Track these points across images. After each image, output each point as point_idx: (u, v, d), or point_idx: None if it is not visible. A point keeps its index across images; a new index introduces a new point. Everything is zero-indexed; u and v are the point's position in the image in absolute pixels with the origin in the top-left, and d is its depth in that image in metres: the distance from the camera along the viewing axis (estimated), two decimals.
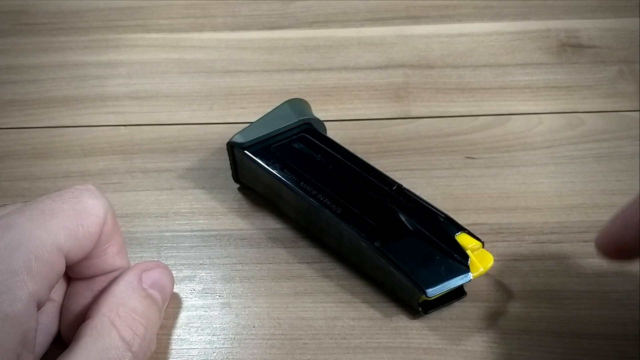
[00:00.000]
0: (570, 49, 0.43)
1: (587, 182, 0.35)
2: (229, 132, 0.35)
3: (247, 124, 0.35)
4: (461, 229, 0.30)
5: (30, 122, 0.39)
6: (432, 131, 0.38)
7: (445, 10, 0.46)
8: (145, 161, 0.37)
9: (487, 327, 0.30)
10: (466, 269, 0.29)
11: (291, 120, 0.35)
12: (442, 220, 0.31)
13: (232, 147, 0.34)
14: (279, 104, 0.35)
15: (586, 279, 0.31)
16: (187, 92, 0.41)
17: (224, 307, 0.31)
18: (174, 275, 0.31)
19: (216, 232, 0.34)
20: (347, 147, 0.34)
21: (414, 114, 0.39)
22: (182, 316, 0.31)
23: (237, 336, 0.30)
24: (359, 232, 0.30)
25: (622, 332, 0.29)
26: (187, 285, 0.32)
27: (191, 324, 0.30)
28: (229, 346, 0.30)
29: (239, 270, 0.32)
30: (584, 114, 0.39)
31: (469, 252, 0.29)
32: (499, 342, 0.29)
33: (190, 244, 0.33)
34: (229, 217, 0.34)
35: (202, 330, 0.30)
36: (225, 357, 0.29)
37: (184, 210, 0.35)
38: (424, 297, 0.28)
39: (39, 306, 0.23)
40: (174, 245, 0.33)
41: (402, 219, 0.31)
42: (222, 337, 0.30)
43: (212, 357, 0.29)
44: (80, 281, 0.27)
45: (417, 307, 0.30)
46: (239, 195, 0.36)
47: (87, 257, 0.26)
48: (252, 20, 0.46)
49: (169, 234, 0.34)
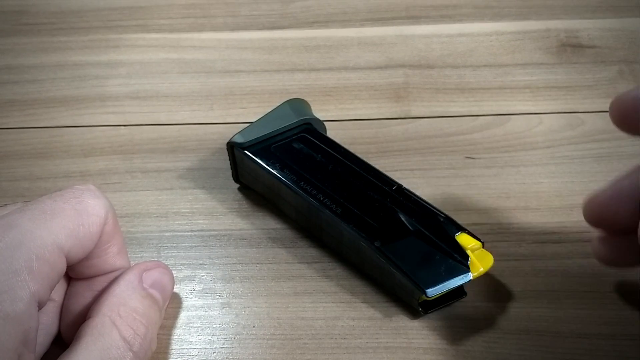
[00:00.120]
0: (570, 49, 0.43)
1: (587, 182, 0.35)
2: (229, 132, 0.35)
3: (247, 124, 0.35)
4: (461, 229, 0.30)
5: (30, 122, 0.39)
6: (432, 131, 0.38)
7: (445, 10, 0.46)
8: (145, 161, 0.37)
9: (487, 327, 0.30)
10: (466, 269, 0.29)
11: (291, 120, 0.35)
12: (442, 220, 0.31)
13: (232, 147, 0.34)
14: (279, 104, 0.35)
15: (586, 279, 0.31)
16: (187, 92, 0.41)
17: (224, 307, 0.31)
18: (174, 275, 0.31)
19: (216, 232, 0.34)
20: (347, 147, 0.34)
21: (414, 114, 0.39)
22: (182, 316, 0.31)
23: (237, 336, 0.30)
24: (359, 232, 0.30)
25: (622, 332, 0.29)
26: (187, 285, 0.32)
27: (191, 324, 0.30)
28: (229, 346, 0.30)
29: (239, 270, 0.32)
30: (584, 114, 0.39)
31: (469, 252, 0.29)
32: (499, 342, 0.29)
33: (190, 244, 0.33)
34: (229, 217, 0.34)
35: (202, 330, 0.30)
36: (225, 357, 0.29)
37: (184, 210, 0.35)
38: (424, 297, 0.28)
39: (40, 306, 0.23)
40: (174, 245, 0.33)
41: (402, 219, 0.31)
42: (222, 337, 0.30)
43: (212, 357, 0.29)
44: (80, 281, 0.27)
45: (417, 307, 0.30)
46: (239, 195, 0.36)
47: (87, 257, 0.26)
48: (252, 20, 0.46)
49: (169, 234, 0.34)
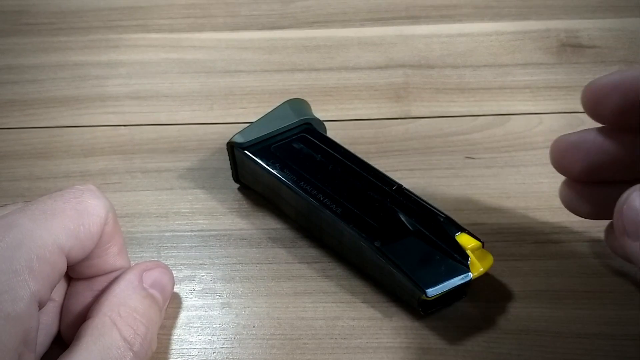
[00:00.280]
0: (570, 49, 0.43)
1: None
2: (229, 132, 0.35)
3: (247, 124, 0.35)
4: (461, 229, 0.30)
5: (30, 122, 0.39)
6: (432, 131, 0.38)
7: (445, 10, 0.46)
8: (145, 161, 0.37)
9: (487, 327, 0.30)
10: (466, 269, 0.29)
11: (291, 120, 0.35)
12: (442, 220, 0.31)
13: (232, 147, 0.34)
14: (279, 104, 0.35)
15: (586, 279, 0.31)
16: (187, 92, 0.41)
17: (224, 307, 0.31)
18: (174, 275, 0.31)
19: (216, 232, 0.34)
20: (347, 147, 0.34)
21: (414, 114, 0.39)
22: (182, 316, 0.31)
23: (237, 336, 0.30)
24: (359, 232, 0.30)
25: (622, 332, 0.29)
26: (187, 285, 0.32)
27: (191, 324, 0.30)
28: (229, 346, 0.30)
29: (239, 270, 0.32)
30: (584, 114, 0.38)
31: (469, 252, 0.29)
32: (499, 342, 0.29)
33: (190, 244, 0.33)
34: (229, 217, 0.34)
35: (202, 330, 0.30)
36: (225, 357, 0.29)
37: (184, 210, 0.35)
38: (424, 297, 0.28)
39: (40, 306, 0.23)
40: (174, 245, 0.33)
41: (402, 219, 0.31)
42: (222, 337, 0.30)
43: (212, 357, 0.29)
44: (80, 281, 0.27)
45: (417, 307, 0.30)
46: (239, 195, 0.36)
47: (88, 257, 0.26)
48: (252, 20, 0.46)
49: (169, 234, 0.34)
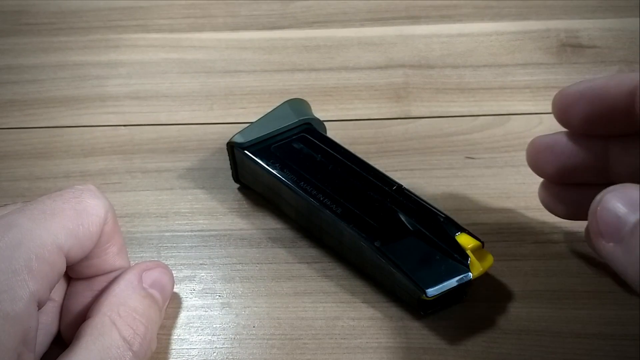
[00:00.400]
0: (570, 49, 0.43)
1: None
2: (229, 132, 0.35)
3: (247, 124, 0.35)
4: (461, 229, 0.30)
5: (30, 122, 0.39)
6: (432, 131, 0.38)
7: (445, 10, 0.46)
8: (145, 161, 0.37)
9: (487, 327, 0.30)
10: (466, 269, 0.29)
11: (291, 120, 0.35)
12: (442, 220, 0.31)
13: (232, 147, 0.34)
14: (279, 104, 0.35)
15: (586, 279, 0.31)
16: (187, 92, 0.41)
17: (224, 307, 0.31)
18: (174, 275, 0.31)
19: (216, 232, 0.34)
20: (347, 147, 0.34)
21: (414, 114, 0.39)
22: (182, 316, 0.31)
23: (237, 336, 0.30)
24: (359, 232, 0.30)
25: (622, 332, 0.29)
26: (187, 285, 0.32)
27: (191, 324, 0.30)
28: (229, 346, 0.29)
29: (239, 270, 0.32)
30: None
31: (469, 252, 0.29)
32: (499, 342, 0.29)
33: (190, 244, 0.33)
34: (229, 217, 0.34)
35: (202, 330, 0.30)
36: (225, 357, 0.29)
37: (184, 210, 0.35)
38: (424, 297, 0.28)
39: (40, 305, 0.23)
40: (174, 245, 0.33)
41: (402, 219, 0.31)
42: (222, 337, 0.30)
43: (212, 357, 0.29)
44: (80, 281, 0.27)
45: (417, 307, 0.30)
46: (239, 195, 0.36)
47: (87, 257, 0.26)
48: (252, 20, 0.46)
49: (169, 234, 0.34)
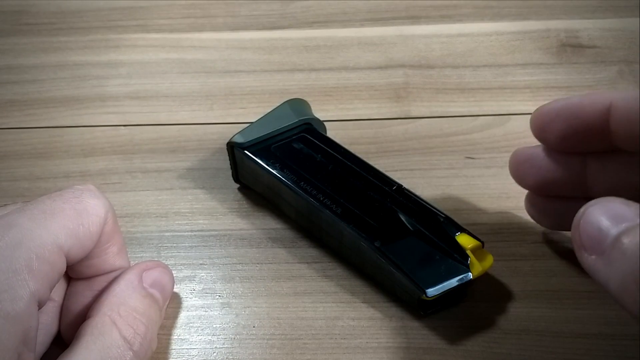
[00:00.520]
0: (570, 49, 0.43)
1: None
2: (229, 132, 0.35)
3: (247, 124, 0.35)
4: (461, 229, 0.30)
5: (30, 122, 0.39)
6: (432, 131, 0.38)
7: (445, 10, 0.46)
8: (145, 161, 0.37)
9: (487, 327, 0.30)
10: (466, 269, 0.29)
11: (291, 120, 0.35)
12: (442, 220, 0.31)
13: (232, 147, 0.34)
14: (279, 104, 0.35)
15: (586, 279, 0.31)
16: (187, 92, 0.41)
17: (224, 307, 0.31)
18: (174, 275, 0.31)
19: (216, 232, 0.34)
20: (347, 147, 0.34)
21: (414, 114, 0.39)
22: (182, 316, 0.31)
23: (237, 336, 0.30)
24: (359, 232, 0.30)
25: (622, 332, 0.29)
26: (187, 285, 0.32)
27: (191, 324, 0.30)
28: (229, 346, 0.29)
29: (239, 270, 0.32)
30: None
31: (469, 252, 0.29)
32: (499, 342, 0.29)
33: (190, 244, 0.33)
34: (229, 217, 0.34)
35: (202, 330, 0.30)
36: (225, 357, 0.29)
37: (184, 210, 0.35)
38: (424, 297, 0.28)
39: (40, 305, 0.23)
40: (174, 245, 0.33)
41: (402, 219, 0.31)
42: (222, 337, 0.30)
43: (212, 357, 0.29)
44: (80, 281, 0.27)
45: (417, 307, 0.30)
46: (239, 195, 0.36)
47: (87, 257, 0.26)
48: (252, 20, 0.46)
49: (169, 234, 0.34)
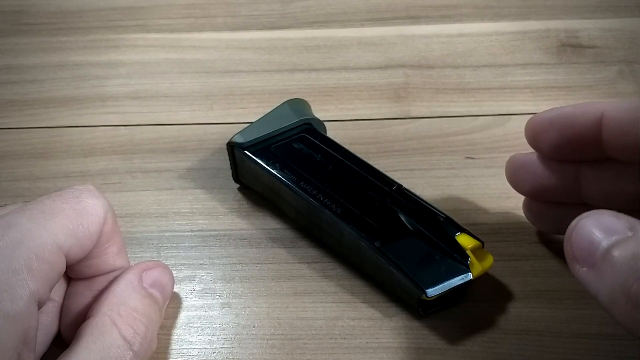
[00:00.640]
0: (570, 49, 0.43)
1: None
2: (229, 132, 0.35)
3: (247, 124, 0.35)
4: (461, 229, 0.30)
5: (30, 122, 0.39)
6: (432, 131, 0.38)
7: (445, 10, 0.46)
8: (145, 161, 0.37)
9: (487, 327, 0.30)
10: (466, 269, 0.29)
11: (291, 120, 0.35)
12: (442, 220, 0.31)
13: (232, 147, 0.34)
14: (279, 104, 0.35)
15: None
16: (187, 92, 0.41)
17: (224, 307, 0.31)
18: (174, 275, 0.31)
19: (216, 232, 0.34)
20: (347, 147, 0.34)
21: (414, 114, 0.39)
22: (182, 316, 0.31)
23: (237, 336, 0.30)
24: (359, 232, 0.30)
25: (622, 332, 0.29)
26: (187, 285, 0.32)
27: (191, 324, 0.30)
28: (229, 346, 0.29)
29: (239, 270, 0.32)
30: None
31: (469, 252, 0.29)
32: (499, 342, 0.29)
33: (190, 244, 0.33)
34: (229, 217, 0.34)
35: (202, 330, 0.30)
36: (225, 357, 0.29)
37: (184, 210, 0.35)
38: (424, 297, 0.28)
39: (40, 305, 0.23)
40: (174, 245, 0.33)
41: (402, 219, 0.31)
42: (222, 337, 0.30)
43: (212, 357, 0.29)
44: (80, 281, 0.27)
45: (417, 308, 0.30)
46: (239, 195, 0.36)
47: (87, 257, 0.26)
48: (252, 20, 0.46)
49: (169, 234, 0.34)
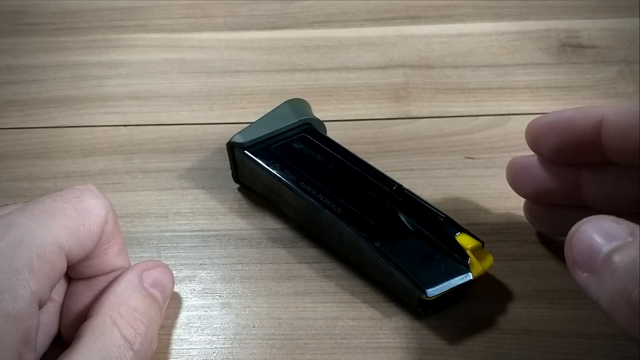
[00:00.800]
0: (570, 49, 0.43)
1: None
2: (229, 132, 0.35)
3: (247, 124, 0.35)
4: (461, 229, 0.30)
5: (30, 122, 0.39)
6: (432, 131, 0.38)
7: (445, 10, 0.46)
8: (145, 161, 0.37)
9: (487, 327, 0.30)
10: (466, 269, 0.29)
11: (291, 120, 0.35)
12: (442, 220, 0.31)
13: (232, 147, 0.34)
14: (279, 104, 0.35)
15: None
16: (187, 92, 0.41)
17: (224, 307, 0.31)
18: (174, 275, 0.31)
19: (216, 232, 0.34)
20: (347, 147, 0.34)
21: (414, 114, 0.39)
22: (182, 316, 0.31)
23: (237, 336, 0.30)
24: (359, 232, 0.30)
25: (622, 332, 0.29)
26: (187, 285, 0.32)
27: (191, 324, 0.30)
28: (229, 346, 0.29)
29: (239, 270, 0.32)
30: None
31: (469, 252, 0.29)
32: (499, 342, 0.29)
33: (190, 244, 0.33)
34: (229, 217, 0.34)
35: (202, 330, 0.30)
36: (225, 357, 0.29)
37: (184, 210, 0.35)
38: (424, 297, 0.28)
39: (41, 305, 0.23)
40: (174, 245, 0.33)
41: (402, 219, 0.31)
42: (222, 337, 0.30)
43: (212, 357, 0.29)
44: (80, 281, 0.27)
45: (417, 308, 0.30)
46: (239, 195, 0.36)
47: (87, 257, 0.26)
48: (252, 20, 0.46)
49: (169, 234, 0.34)
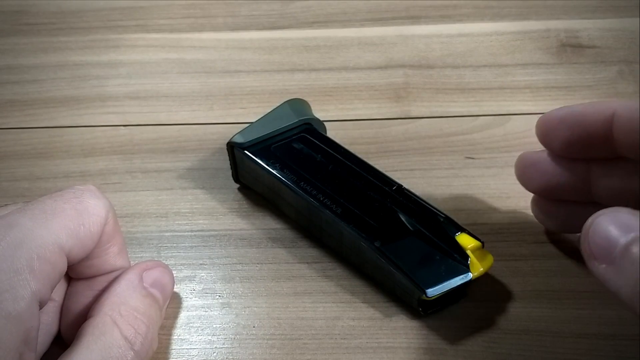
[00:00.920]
0: (570, 49, 0.43)
1: None
2: (229, 132, 0.35)
3: (247, 124, 0.35)
4: (461, 229, 0.30)
5: (30, 122, 0.39)
6: (432, 131, 0.38)
7: (445, 10, 0.46)
8: (145, 161, 0.37)
9: (487, 327, 0.30)
10: (466, 269, 0.29)
11: (291, 120, 0.35)
12: (442, 220, 0.31)
13: (232, 147, 0.34)
14: (279, 104, 0.35)
15: (586, 279, 0.31)
16: (187, 92, 0.41)
17: (224, 307, 0.31)
18: (174, 275, 0.31)
19: (216, 232, 0.34)
20: (347, 147, 0.34)
21: (414, 114, 0.39)
22: (182, 316, 0.31)
23: (237, 336, 0.30)
24: (359, 232, 0.30)
25: (622, 332, 0.29)
26: (187, 285, 0.32)
27: (191, 324, 0.30)
28: (229, 346, 0.30)
29: (239, 270, 0.32)
30: None
31: (469, 252, 0.29)
32: (499, 342, 0.29)
33: (190, 244, 0.33)
34: (229, 217, 0.34)
35: (202, 330, 0.30)
36: (225, 357, 0.29)
37: (184, 210, 0.35)
38: (424, 297, 0.28)
39: (41, 305, 0.23)
40: (174, 245, 0.33)
41: (402, 219, 0.31)
42: (222, 337, 0.30)
43: (212, 357, 0.29)
44: (80, 281, 0.27)
45: (417, 307, 0.30)
46: (239, 195, 0.36)
47: (88, 257, 0.26)
48: (252, 20, 0.46)
49: (169, 234, 0.34)
